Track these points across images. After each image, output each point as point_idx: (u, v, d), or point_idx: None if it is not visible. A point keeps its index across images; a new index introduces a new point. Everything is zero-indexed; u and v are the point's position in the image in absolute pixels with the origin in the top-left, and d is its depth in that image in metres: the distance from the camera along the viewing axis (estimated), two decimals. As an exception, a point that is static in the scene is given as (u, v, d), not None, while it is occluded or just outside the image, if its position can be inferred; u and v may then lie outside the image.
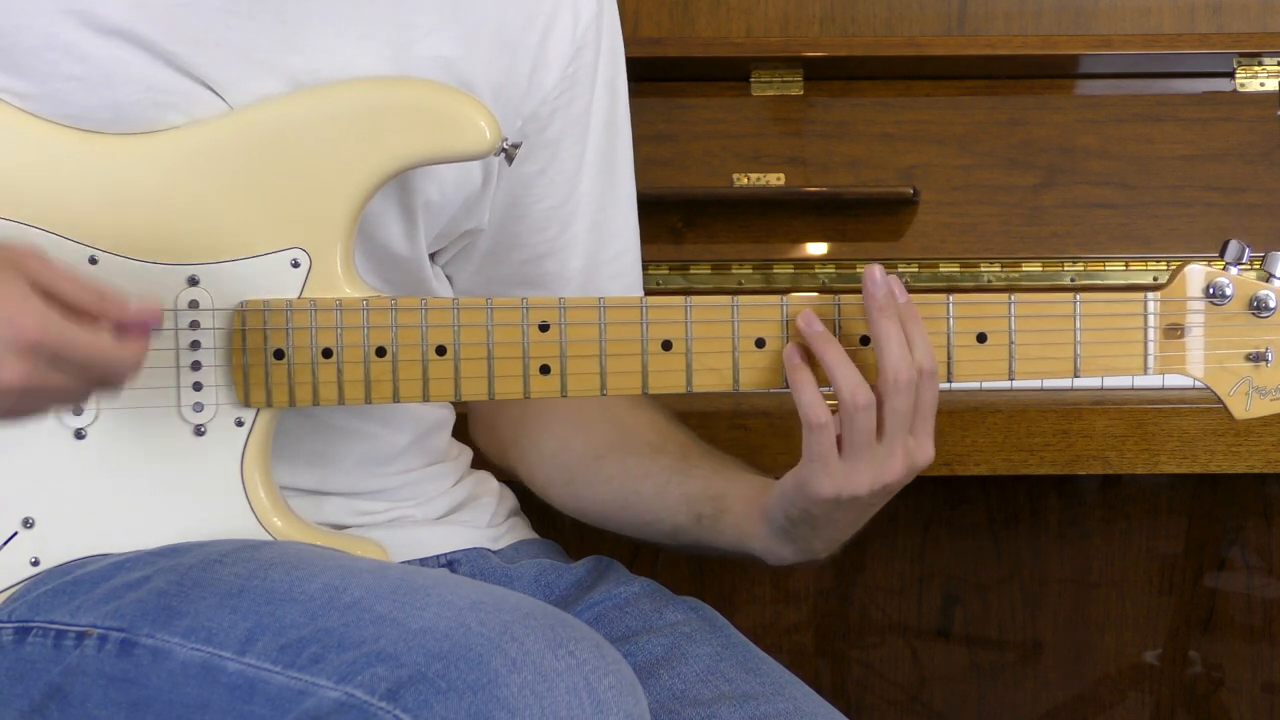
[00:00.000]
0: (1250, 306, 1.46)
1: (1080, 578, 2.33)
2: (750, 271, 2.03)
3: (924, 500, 2.31)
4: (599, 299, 1.44)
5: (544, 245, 1.61)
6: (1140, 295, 1.46)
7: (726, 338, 1.44)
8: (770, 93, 2.09)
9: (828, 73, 2.09)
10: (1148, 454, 1.88)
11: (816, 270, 2.03)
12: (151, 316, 1.33)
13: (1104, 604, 2.34)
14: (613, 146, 1.62)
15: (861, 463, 1.39)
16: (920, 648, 2.35)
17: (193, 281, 1.43)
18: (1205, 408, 1.86)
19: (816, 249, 2.04)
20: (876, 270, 1.41)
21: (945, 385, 1.45)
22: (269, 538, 1.45)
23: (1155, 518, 2.32)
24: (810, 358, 1.42)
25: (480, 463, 1.69)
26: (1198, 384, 1.48)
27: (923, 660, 2.35)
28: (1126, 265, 2.02)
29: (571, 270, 1.62)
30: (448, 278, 1.62)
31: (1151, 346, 1.46)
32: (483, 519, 1.62)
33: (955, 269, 2.02)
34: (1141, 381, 1.91)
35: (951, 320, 1.44)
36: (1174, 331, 1.46)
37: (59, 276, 1.31)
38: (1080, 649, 2.35)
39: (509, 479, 1.69)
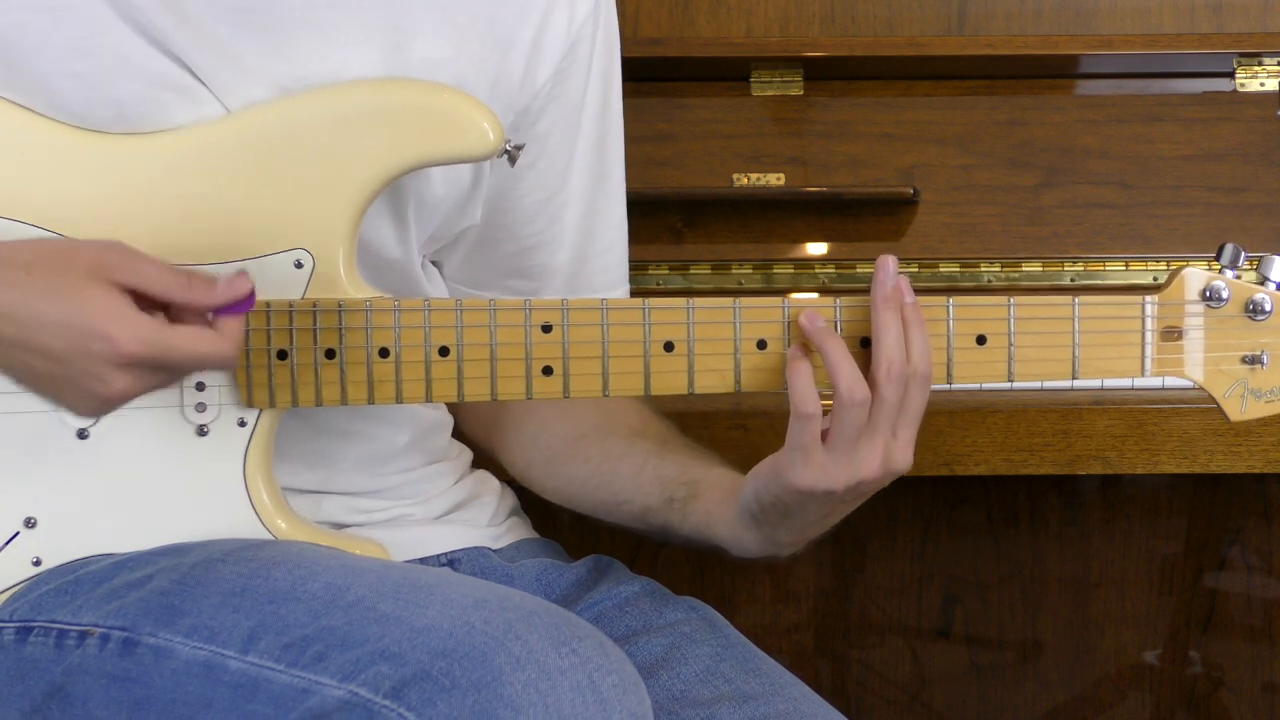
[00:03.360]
0: (1246, 310, 1.47)
1: (1080, 578, 2.33)
2: (750, 271, 2.02)
3: (924, 500, 2.31)
4: (601, 300, 1.44)
5: (533, 237, 1.60)
6: (1138, 298, 1.46)
7: (728, 339, 1.44)
8: (770, 93, 2.09)
9: (828, 73, 2.09)
10: (1148, 454, 1.88)
11: (816, 270, 2.03)
12: (241, 295, 1.34)
13: (1104, 604, 2.34)
14: (604, 141, 1.61)
15: (843, 457, 1.39)
16: (920, 648, 2.35)
17: (196, 283, 1.43)
18: (1205, 408, 1.85)
19: (816, 249, 2.04)
20: (890, 262, 1.41)
21: (945, 386, 1.45)
22: (272, 538, 1.44)
23: (1155, 518, 2.32)
24: (811, 356, 1.42)
25: (480, 462, 1.69)
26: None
27: (923, 660, 2.35)
28: (1126, 265, 2.02)
29: (559, 262, 1.61)
30: (434, 264, 1.62)
31: (1149, 349, 1.46)
32: (483, 518, 1.62)
33: (955, 269, 2.02)
34: (1141, 381, 1.91)
35: (951, 322, 1.45)
36: (1171, 334, 1.47)
37: (144, 271, 1.32)
38: (1080, 649, 2.35)
39: (507, 478, 1.69)
